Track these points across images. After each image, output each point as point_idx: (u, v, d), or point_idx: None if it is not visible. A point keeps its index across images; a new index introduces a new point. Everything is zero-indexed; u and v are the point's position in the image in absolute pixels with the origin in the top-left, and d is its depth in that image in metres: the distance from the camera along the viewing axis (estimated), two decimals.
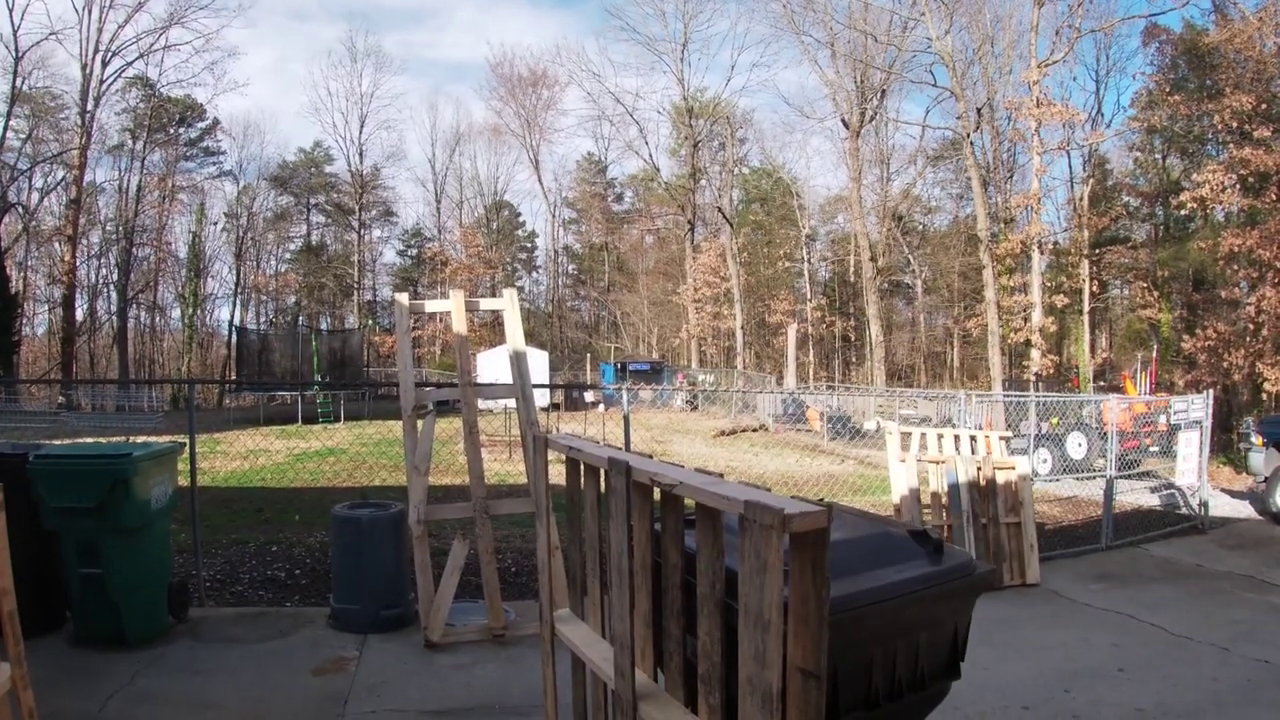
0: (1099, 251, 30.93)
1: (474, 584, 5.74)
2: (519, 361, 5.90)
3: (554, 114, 49.31)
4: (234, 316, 43.55)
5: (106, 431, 19.21)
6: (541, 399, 13.00)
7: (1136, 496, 11.02)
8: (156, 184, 41.02)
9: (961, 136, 28.75)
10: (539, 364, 25.03)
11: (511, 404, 6.41)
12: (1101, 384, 28.43)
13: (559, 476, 3.17)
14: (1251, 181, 21.25)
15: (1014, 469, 7.06)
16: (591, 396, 27.87)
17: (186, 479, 5.89)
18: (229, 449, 14.44)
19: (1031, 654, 5.14)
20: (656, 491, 2.31)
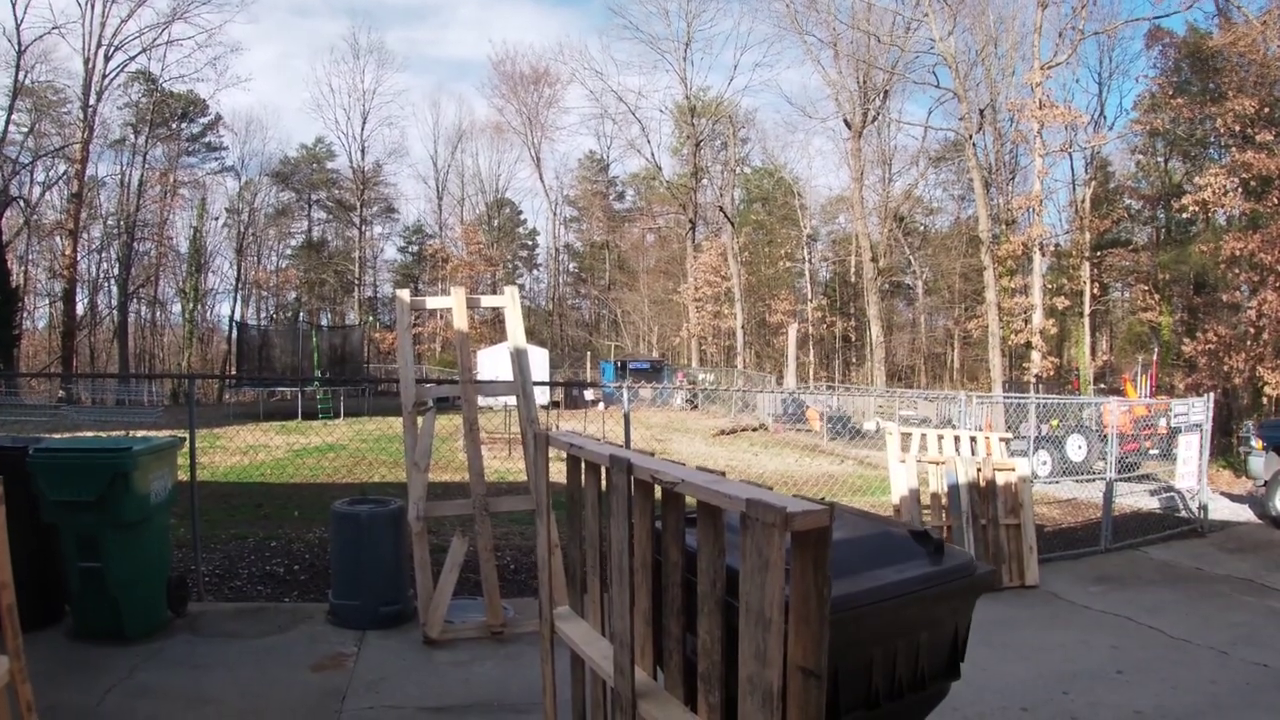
0: (1100, 254, 30.92)
1: (473, 581, 5.73)
2: (520, 359, 5.89)
3: (556, 112, 49.43)
4: (234, 312, 43.67)
5: (106, 425, 19.24)
6: (541, 397, 12.97)
7: (1136, 499, 11.01)
8: (158, 179, 41.05)
9: (964, 138, 28.75)
10: (539, 362, 25.02)
11: (511, 401, 6.41)
12: (1102, 386, 28.40)
13: (558, 474, 3.17)
14: (1253, 185, 21.26)
15: (1014, 470, 7.05)
16: (591, 395, 27.85)
17: (186, 474, 5.89)
18: (228, 444, 14.43)
19: (1030, 655, 5.14)
20: (658, 489, 2.30)
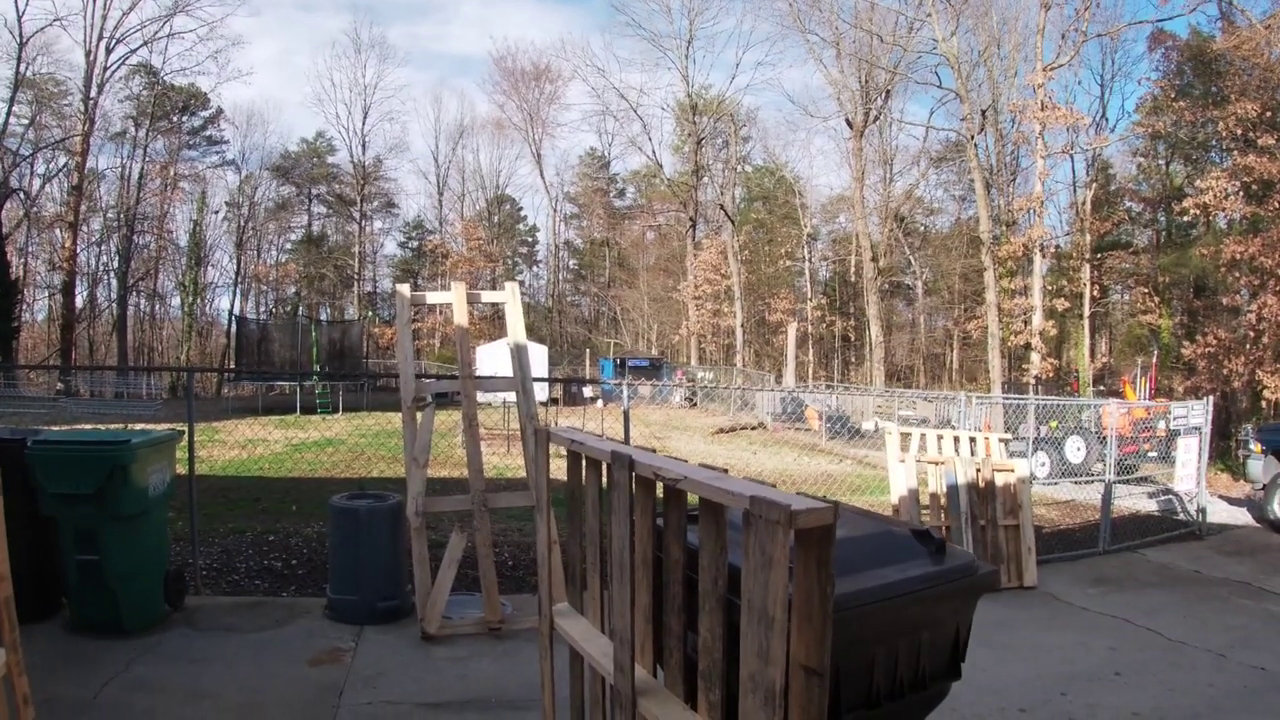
0: (1100, 256, 30.92)
1: (471, 577, 5.72)
2: (520, 354, 5.88)
3: (557, 108, 49.46)
4: (234, 306, 43.62)
5: (105, 418, 19.21)
6: (540, 393, 12.97)
7: (1134, 501, 11.03)
8: (158, 172, 41.00)
9: (965, 138, 28.73)
10: (538, 358, 25.04)
11: (509, 397, 6.39)
12: (1101, 388, 28.38)
13: (558, 471, 3.15)
14: (1255, 189, 21.25)
15: (1013, 471, 7.05)
16: (590, 392, 27.84)
17: (184, 467, 5.88)
18: (227, 438, 14.39)
19: (1029, 656, 5.14)
20: (659, 486, 2.29)
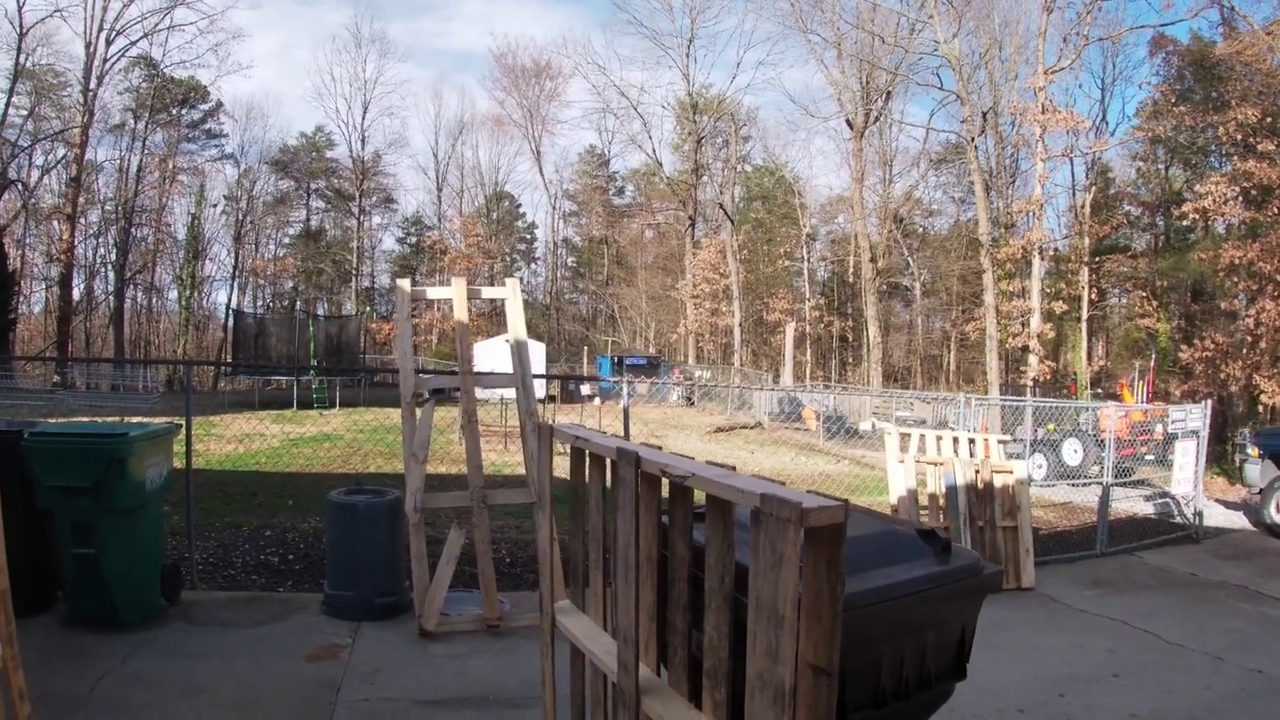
0: (1099, 259, 30.99)
1: (469, 574, 5.70)
2: (520, 351, 5.86)
3: (557, 106, 49.29)
4: (231, 299, 43.42)
5: (101, 411, 19.15)
6: (538, 390, 12.94)
7: (1131, 504, 11.05)
8: (157, 165, 40.81)
9: (965, 140, 28.74)
10: (537, 355, 24.98)
11: (507, 394, 6.38)
12: (1098, 391, 28.46)
13: (558, 468, 3.13)
14: (1254, 194, 21.29)
15: (1012, 473, 7.05)
16: (587, 389, 27.79)
17: (181, 461, 5.85)
18: (224, 432, 14.36)
19: (1027, 657, 5.14)
20: (664, 483, 2.27)
